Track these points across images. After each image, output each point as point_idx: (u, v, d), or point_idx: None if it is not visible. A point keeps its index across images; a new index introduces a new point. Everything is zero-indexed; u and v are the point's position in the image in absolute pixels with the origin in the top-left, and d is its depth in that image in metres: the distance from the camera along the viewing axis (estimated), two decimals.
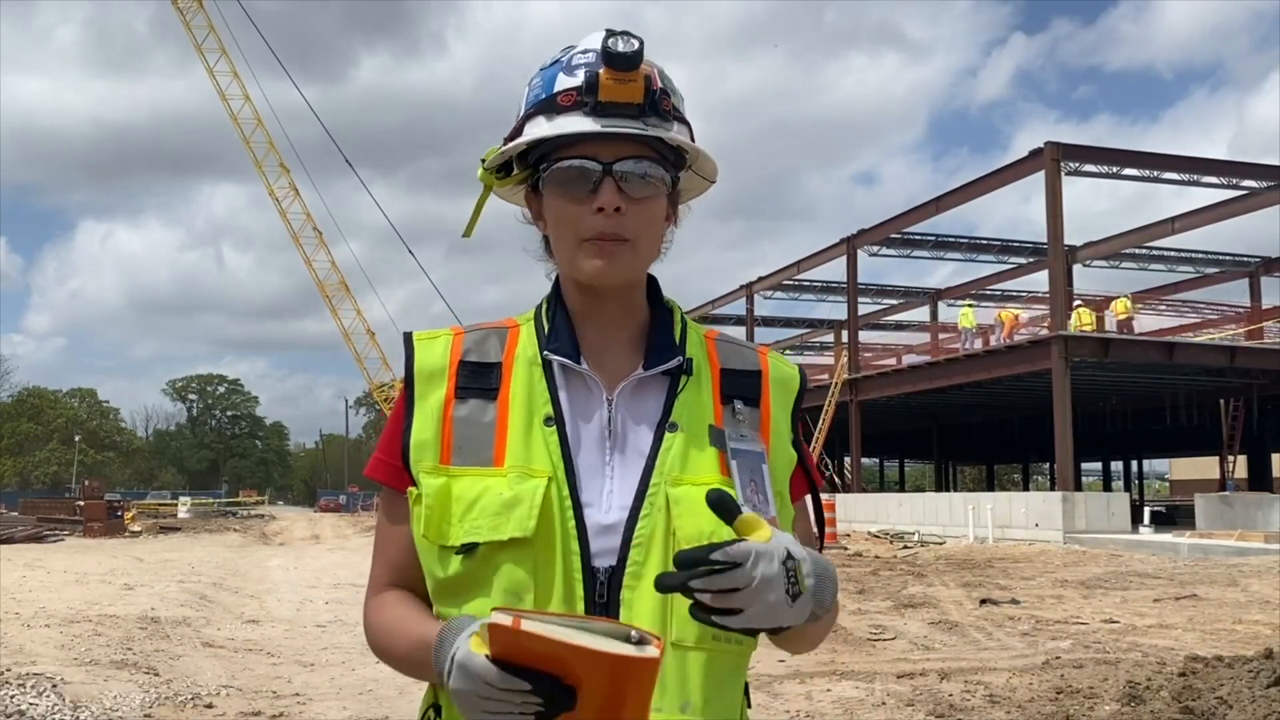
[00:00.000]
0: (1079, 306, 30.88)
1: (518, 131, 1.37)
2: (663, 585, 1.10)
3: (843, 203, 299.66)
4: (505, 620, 1.03)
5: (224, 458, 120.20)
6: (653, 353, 1.38)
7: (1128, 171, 29.87)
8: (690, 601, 1.12)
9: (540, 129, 1.33)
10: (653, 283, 1.46)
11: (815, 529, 1.49)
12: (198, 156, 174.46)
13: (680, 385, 1.37)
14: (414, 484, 1.34)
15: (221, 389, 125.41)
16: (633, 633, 1.04)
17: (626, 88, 1.30)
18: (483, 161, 1.40)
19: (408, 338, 1.41)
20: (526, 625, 1.03)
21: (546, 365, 1.36)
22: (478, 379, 1.36)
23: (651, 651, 1.03)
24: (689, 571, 1.09)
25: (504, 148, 1.38)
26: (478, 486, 1.29)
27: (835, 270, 40.46)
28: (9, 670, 8.00)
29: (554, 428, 1.32)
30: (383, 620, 1.37)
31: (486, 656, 1.06)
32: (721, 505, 1.16)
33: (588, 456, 1.33)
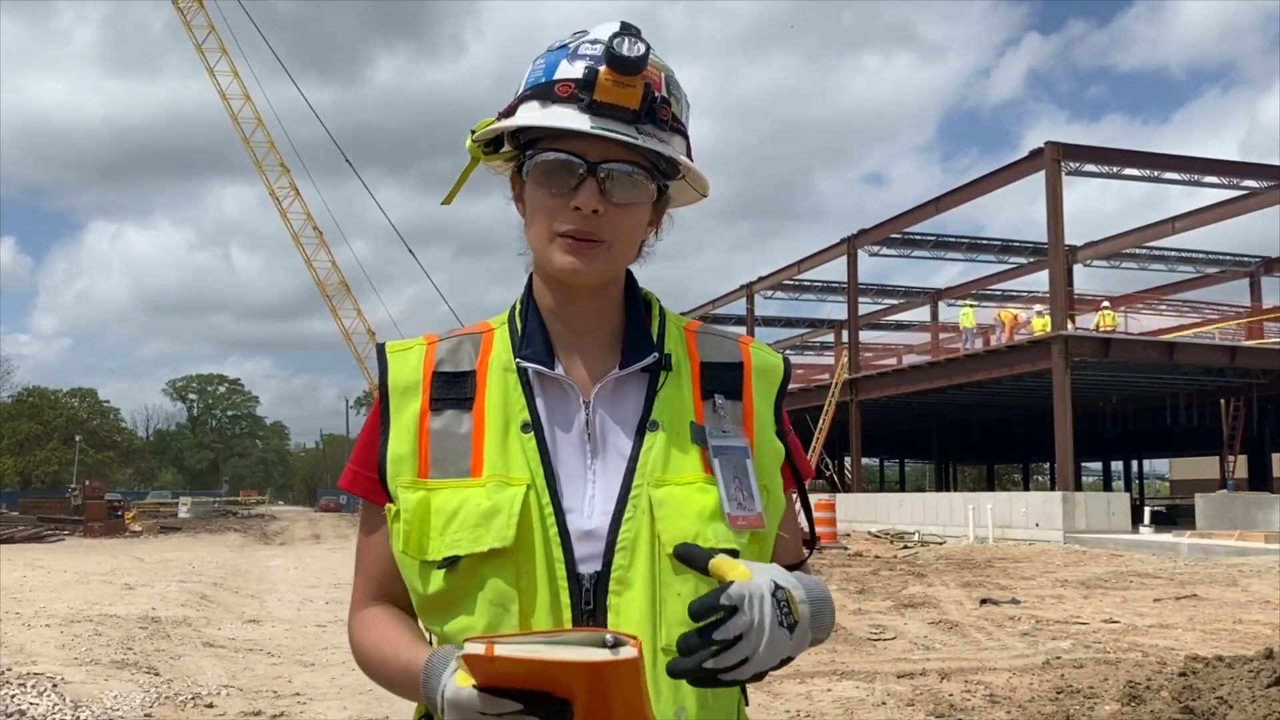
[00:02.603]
0: (1038, 314, 31.03)
1: (511, 110, 1.34)
2: (684, 646, 1.09)
3: (852, 203, 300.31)
4: (479, 649, 1.03)
5: (224, 458, 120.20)
6: (629, 350, 1.35)
7: (1128, 171, 29.87)
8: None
9: (532, 115, 1.30)
10: (629, 278, 1.42)
11: (804, 523, 1.46)
12: (208, 157, 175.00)
13: (660, 382, 1.35)
14: (391, 499, 1.31)
15: (222, 389, 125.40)
16: (608, 637, 1.04)
17: (625, 92, 1.26)
18: (473, 132, 1.37)
19: (380, 350, 1.39)
20: (500, 650, 1.03)
21: (521, 371, 1.34)
22: (452, 389, 1.33)
23: (628, 653, 1.03)
24: (703, 626, 1.09)
25: (496, 124, 1.35)
26: (457, 498, 1.27)
27: (836, 270, 40.50)
28: (9, 670, 8.00)
29: (531, 434, 1.29)
30: (367, 641, 1.35)
31: (474, 686, 1.06)
32: (689, 557, 1.14)
33: (569, 461, 1.30)
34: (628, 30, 1.28)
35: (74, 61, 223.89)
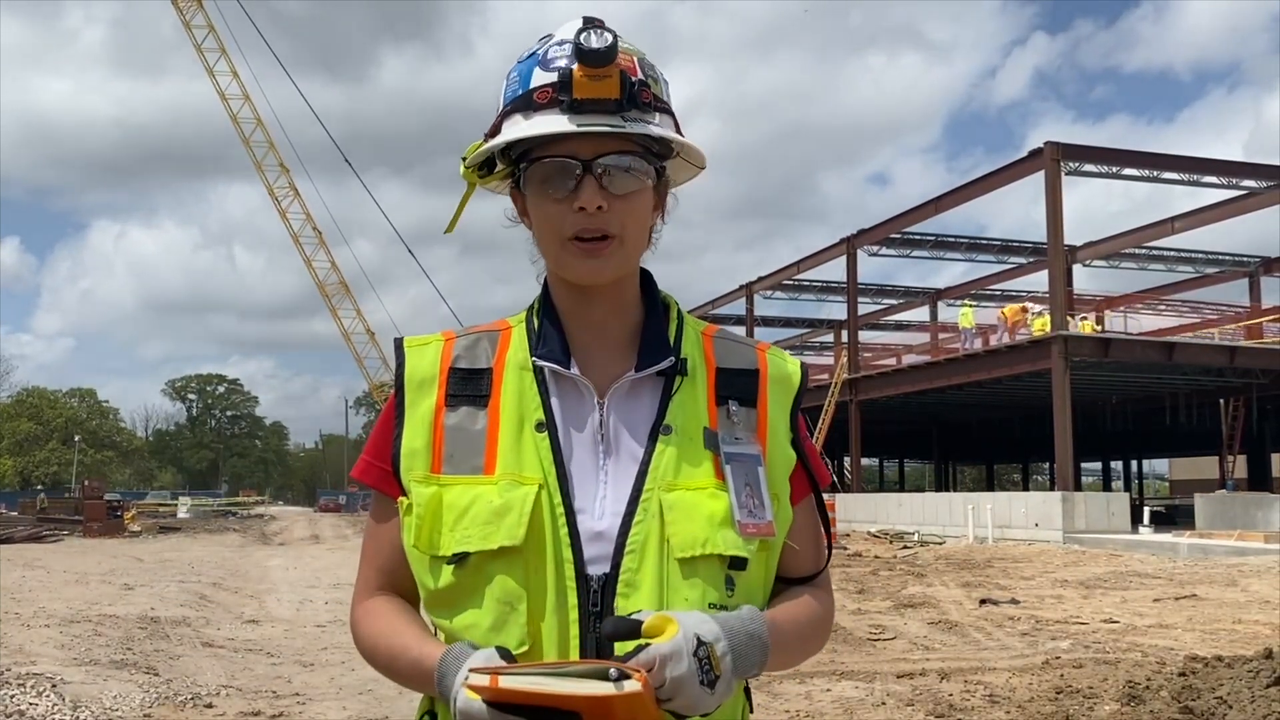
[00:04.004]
0: (1038, 314, 31.04)
1: (496, 129, 1.33)
2: None
3: (856, 204, 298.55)
4: (483, 681, 1.06)
5: (223, 458, 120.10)
6: (645, 353, 1.35)
7: (1128, 171, 29.87)
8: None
9: (517, 128, 1.30)
10: (648, 278, 1.42)
11: (821, 529, 1.45)
12: (212, 157, 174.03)
13: (675, 386, 1.34)
14: (404, 492, 1.32)
15: (221, 389, 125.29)
16: (612, 670, 1.05)
17: (601, 84, 1.27)
18: (464, 159, 1.37)
19: (398, 344, 1.40)
20: (504, 682, 1.05)
21: (537, 370, 1.34)
22: (468, 386, 1.34)
23: (632, 686, 1.04)
24: None
25: (483, 145, 1.34)
26: (469, 495, 1.27)
27: (836, 270, 40.51)
28: (9, 670, 7.99)
29: (545, 434, 1.30)
30: (374, 632, 1.36)
31: (484, 701, 1.08)
32: (618, 633, 1.16)
33: (581, 462, 1.30)
34: (591, 24, 1.28)
35: (80, 61, 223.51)
